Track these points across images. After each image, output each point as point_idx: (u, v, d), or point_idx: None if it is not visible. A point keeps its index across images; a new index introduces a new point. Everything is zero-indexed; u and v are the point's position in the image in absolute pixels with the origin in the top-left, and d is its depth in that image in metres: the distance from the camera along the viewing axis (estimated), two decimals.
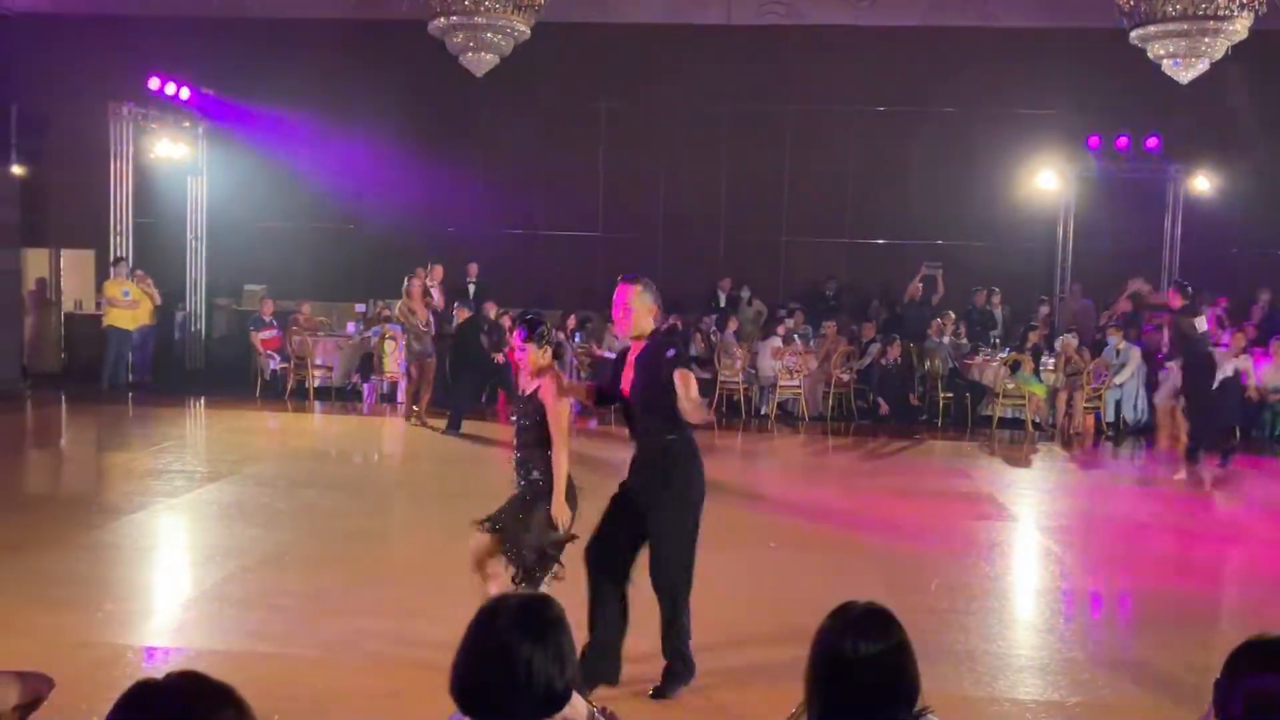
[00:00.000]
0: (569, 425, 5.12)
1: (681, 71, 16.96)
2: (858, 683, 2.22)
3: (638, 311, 4.88)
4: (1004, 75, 16.27)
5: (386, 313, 15.40)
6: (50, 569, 6.87)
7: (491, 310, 13.79)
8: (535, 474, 5.11)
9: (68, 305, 16.40)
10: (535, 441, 5.09)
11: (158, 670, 5.38)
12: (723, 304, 16.24)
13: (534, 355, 5.09)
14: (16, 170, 16.07)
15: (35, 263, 16.15)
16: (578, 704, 2.43)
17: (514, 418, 5.27)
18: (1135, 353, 13.77)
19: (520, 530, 5.06)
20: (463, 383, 13.41)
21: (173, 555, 7.88)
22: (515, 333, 5.20)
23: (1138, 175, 16.02)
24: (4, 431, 12.55)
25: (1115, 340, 13.98)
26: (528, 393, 5.16)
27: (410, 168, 16.36)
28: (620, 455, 5.28)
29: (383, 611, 6.18)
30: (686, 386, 4.69)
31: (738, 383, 14.47)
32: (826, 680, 2.25)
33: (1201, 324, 11.14)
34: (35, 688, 2.61)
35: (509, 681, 2.17)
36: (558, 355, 5.22)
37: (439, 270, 14.71)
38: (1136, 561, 8.09)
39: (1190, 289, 11.37)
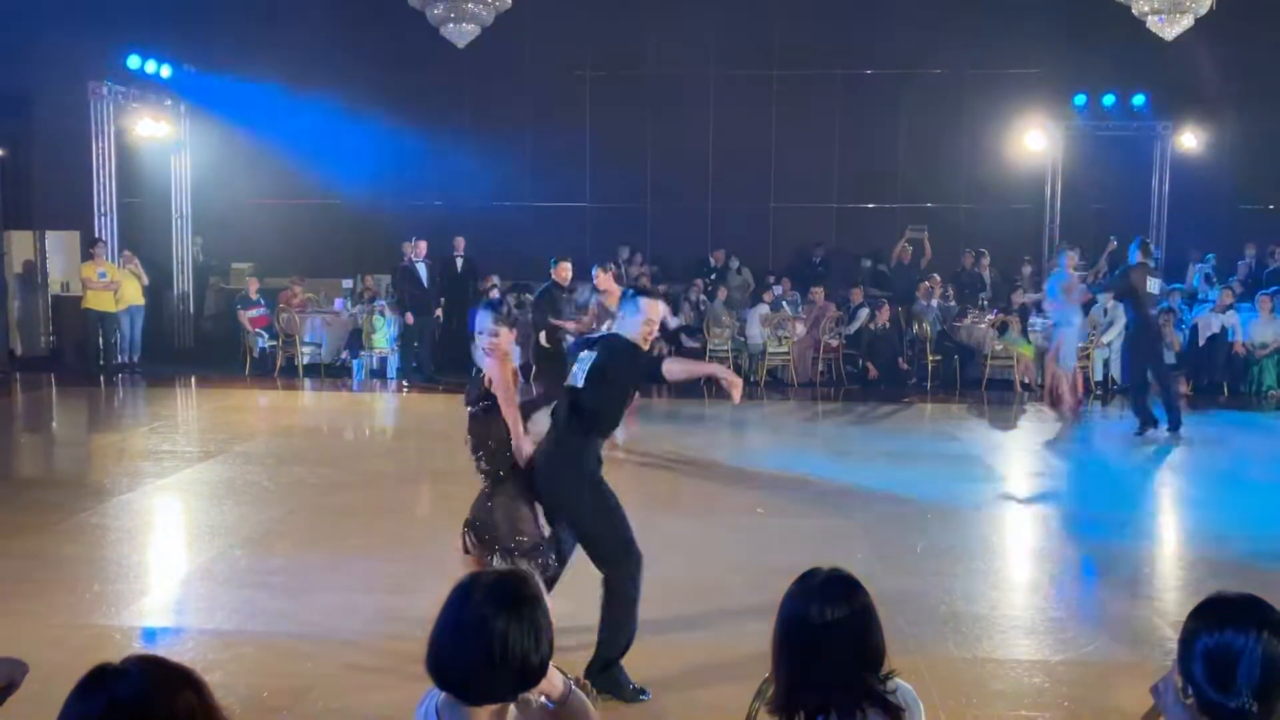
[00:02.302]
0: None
1: (666, 38, 16.85)
2: (823, 649, 2.23)
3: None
4: (990, 35, 16.18)
5: (373, 289, 15.38)
6: (39, 551, 6.89)
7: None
8: (485, 466, 4.98)
9: (54, 287, 16.32)
10: (484, 431, 4.93)
11: (147, 651, 5.41)
12: (714, 274, 16.20)
13: (508, 337, 4.96)
14: None
15: (20, 245, 16.06)
16: (554, 677, 2.44)
17: (467, 406, 5.10)
18: (1121, 311, 13.74)
19: (491, 525, 4.91)
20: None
21: (161, 535, 7.90)
22: (482, 317, 4.94)
23: (1125, 133, 15.97)
24: None
25: (1104, 299, 13.96)
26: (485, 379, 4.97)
27: (395, 141, 16.26)
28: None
29: (370, 588, 6.20)
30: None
31: (726, 350, 14.47)
32: (791, 648, 2.26)
33: (1154, 285, 11.23)
34: (8, 674, 2.61)
35: (485, 657, 2.17)
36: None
37: (423, 245, 14.66)
38: (1122, 520, 8.12)
39: (1151, 247, 11.52)
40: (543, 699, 2.44)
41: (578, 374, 4.81)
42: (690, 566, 6.60)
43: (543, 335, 10.39)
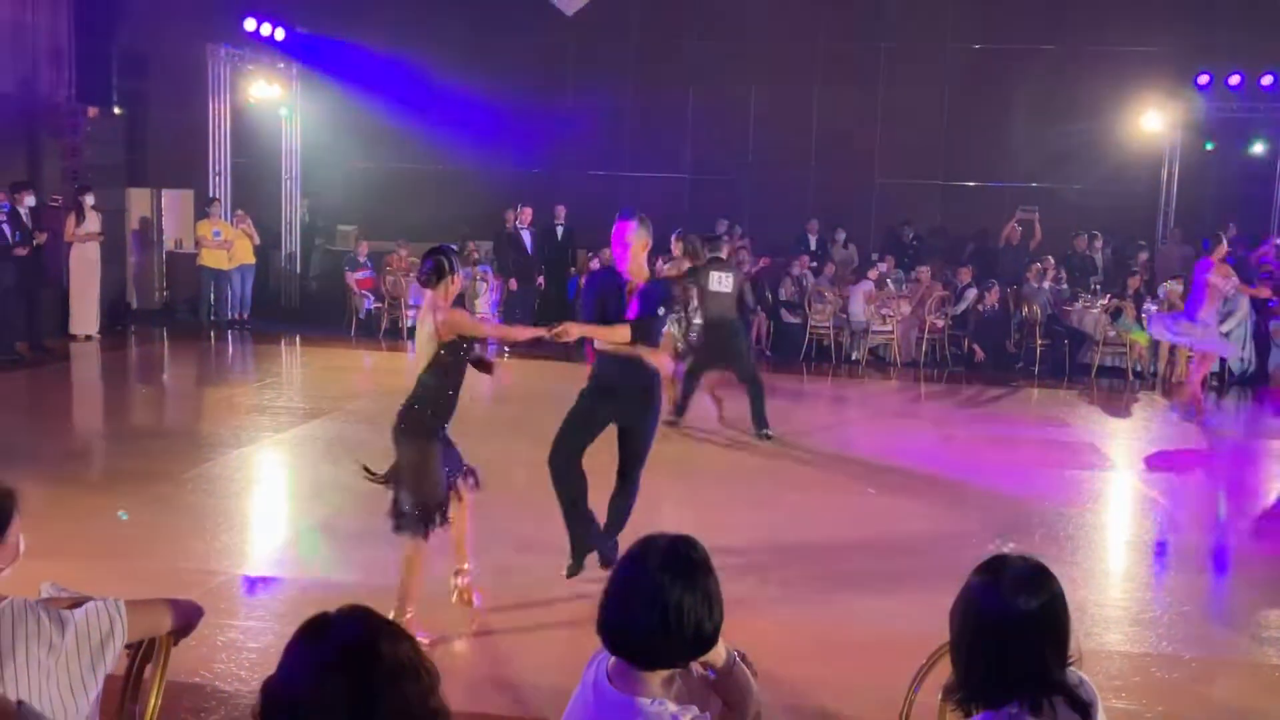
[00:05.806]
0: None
1: (771, 8, 16.61)
2: (1016, 642, 2.15)
3: (634, 248, 5.24)
4: (1108, 11, 15.66)
5: (476, 255, 15.48)
6: (168, 498, 7.11)
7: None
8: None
9: (168, 244, 16.78)
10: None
11: (274, 598, 5.55)
12: (813, 246, 16.00)
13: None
14: (118, 111, 16.38)
15: (138, 202, 16.51)
16: (719, 646, 2.43)
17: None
18: (1243, 301, 13.25)
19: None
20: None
21: (282, 488, 8.09)
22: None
23: (1250, 115, 15.35)
24: (112, 367, 12.94)
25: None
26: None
27: (498, 108, 16.32)
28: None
29: (489, 547, 6.22)
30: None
31: (828, 327, 14.30)
32: (982, 640, 2.17)
33: None
34: (186, 615, 2.71)
35: (661, 624, 2.17)
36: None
37: (528, 212, 14.73)
38: (1246, 515, 7.86)
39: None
40: (705, 668, 2.43)
41: None
42: (807, 544, 6.55)
43: None
